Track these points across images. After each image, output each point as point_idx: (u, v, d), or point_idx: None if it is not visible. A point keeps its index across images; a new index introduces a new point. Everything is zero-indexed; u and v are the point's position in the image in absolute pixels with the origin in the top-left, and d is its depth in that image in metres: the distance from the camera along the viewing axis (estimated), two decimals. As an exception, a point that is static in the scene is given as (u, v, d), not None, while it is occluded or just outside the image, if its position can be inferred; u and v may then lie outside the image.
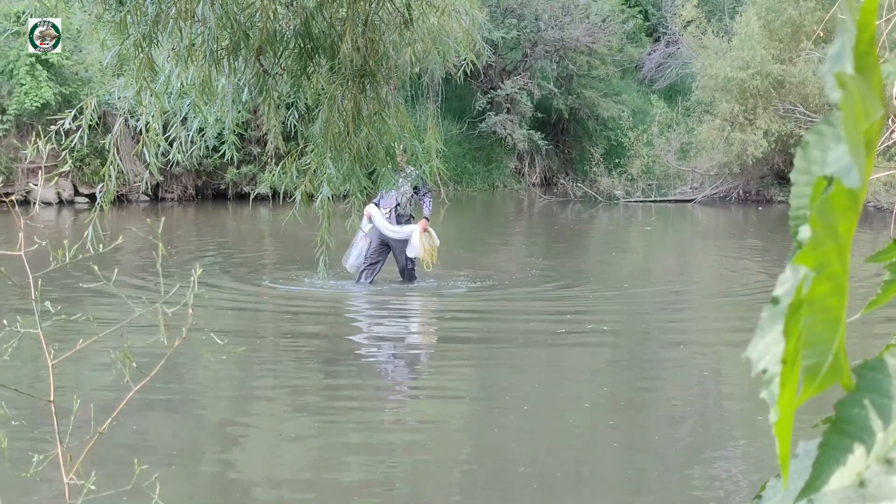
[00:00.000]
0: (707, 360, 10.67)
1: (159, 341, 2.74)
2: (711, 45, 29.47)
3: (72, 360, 3.46)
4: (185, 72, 5.19)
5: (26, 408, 7.39)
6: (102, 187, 5.99)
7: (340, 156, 5.41)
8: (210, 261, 16.18)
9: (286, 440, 7.88)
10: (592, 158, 31.69)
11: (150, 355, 3.68)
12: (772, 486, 0.85)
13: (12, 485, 6.21)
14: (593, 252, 20.80)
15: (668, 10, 35.69)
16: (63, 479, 2.69)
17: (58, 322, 3.03)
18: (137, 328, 7.58)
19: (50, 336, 2.79)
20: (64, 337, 3.62)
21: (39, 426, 7.02)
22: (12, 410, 7.20)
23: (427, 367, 10.05)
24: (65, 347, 2.96)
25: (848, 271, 0.70)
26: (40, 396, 3.26)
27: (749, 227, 25.07)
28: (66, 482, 2.68)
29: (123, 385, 2.75)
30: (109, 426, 2.80)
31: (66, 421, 2.77)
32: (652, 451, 7.72)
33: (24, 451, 3.09)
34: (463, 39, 5.86)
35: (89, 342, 2.83)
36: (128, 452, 6.86)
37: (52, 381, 2.75)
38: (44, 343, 2.68)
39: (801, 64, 27.36)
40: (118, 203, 22.54)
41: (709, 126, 28.77)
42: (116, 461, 6.34)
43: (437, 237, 13.77)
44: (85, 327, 7.19)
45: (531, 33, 32.09)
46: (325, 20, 5.18)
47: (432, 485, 6.96)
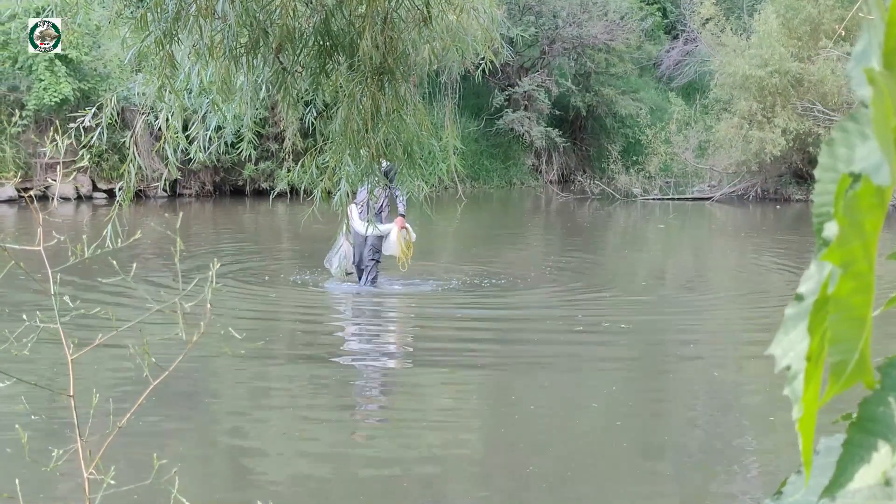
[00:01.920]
0: (722, 358, 10.64)
1: (177, 336, 2.74)
2: (730, 42, 29.38)
3: (92, 354, 3.47)
4: (205, 69, 5.20)
5: (47, 402, 7.45)
6: (122, 185, 6.01)
7: (359, 153, 5.41)
8: (229, 257, 16.21)
9: (302, 435, 7.90)
10: (610, 156, 31.66)
11: (170, 349, 3.69)
12: (792, 482, 0.85)
13: (32, 479, 6.23)
14: (611, 249, 20.76)
15: (687, 8, 35.61)
16: (83, 474, 2.69)
17: (77, 317, 3.04)
18: (157, 323, 7.60)
19: (69, 331, 2.80)
20: (83, 332, 3.63)
21: (59, 421, 7.07)
22: (32, 405, 7.24)
23: (437, 365, 10.04)
24: (85, 342, 2.96)
25: (874, 269, 0.70)
26: (60, 391, 3.27)
27: (767, 225, 25.00)
28: (85, 476, 2.69)
29: (143, 379, 2.75)
30: (128, 421, 2.81)
31: (85, 415, 2.78)
32: (666, 450, 7.70)
33: (44, 446, 3.10)
34: (481, 37, 5.86)
35: (108, 337, 2.84)
36: (147, 447, 6.88)
37: (72, 376, 2.76)
38: (63, 338, 2.68)
39: (820, 62, 27.27)
40: (136, 199, 22.56)
41: (727, 124, 28.69)
42: (136, 455, 6.37)
43: (413, 232, 13.32)
44: (104, 322, 7.20)
45: (549, 30, 32.05)
46: (345, 17, 5.18)
47: (443, 482, 6.96)
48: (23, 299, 10.73)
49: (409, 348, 10.84)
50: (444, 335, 11.36)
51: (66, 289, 8.74)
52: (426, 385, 9.34)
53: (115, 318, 2.96)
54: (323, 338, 11.44)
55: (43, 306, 3.07)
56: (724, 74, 28.84)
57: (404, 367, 10.06)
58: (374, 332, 11.75)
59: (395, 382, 9.46)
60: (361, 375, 9.80)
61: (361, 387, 9.44)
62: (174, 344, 2.87)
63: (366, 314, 12.63)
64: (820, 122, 27.05)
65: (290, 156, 6.96)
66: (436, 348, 10.70)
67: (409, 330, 11.70)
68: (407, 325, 11.93)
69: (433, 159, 5.84)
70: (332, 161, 5.82)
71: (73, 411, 2.71)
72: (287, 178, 6.80)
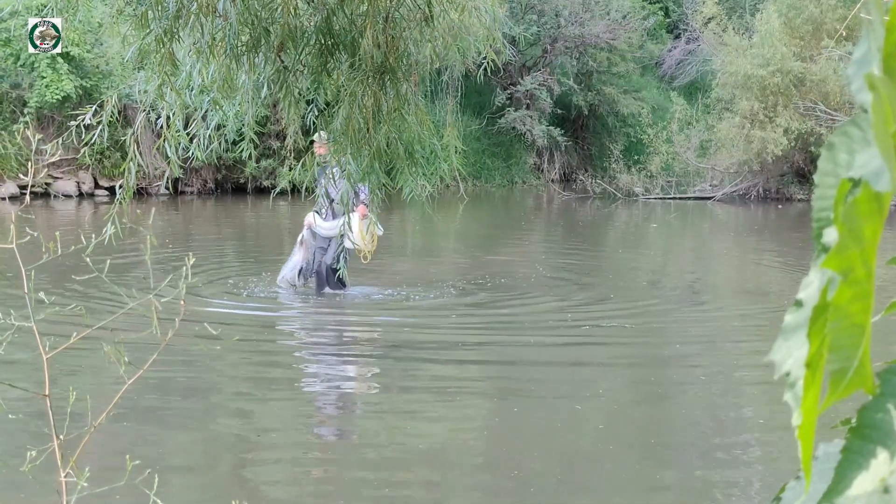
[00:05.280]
0: (722, 361, 10.63)
1: (154, 334, 2.73)
2: (732, 42, 29.38)
3: (68, 353, 3.44)
4: (206, 68, 5.20)
5: (23, 402, 7.40)
6: (122, 182, 6.00)
7: (360, 152, 5.41)
8: (230, 252, 16.21)
9: (305, 435, 7.90)
10: (612, 155, 31.65)
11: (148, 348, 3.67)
12: (791, 487, 0.85)
13: (7, 481, 6.20)
14: (611, 249, 20.75)
15: (689, 7, 35.61)
16: (59, 475, 2.68)
17: (53, 315, 3.01)
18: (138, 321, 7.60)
19: (45, 330, 2.78)
20: (61, 331, 3.61)
21: (35, 421, 7.03)
22: (10, 404, 7.21)
23: (443, 364, 10.04)
24: (61, 341, 2.94)
25: (873, 276, 0.69)
26: (35, 391, 3.26)
27: (768, 225, 24.99)
28: (61, 479, 2.68)
29: (120, 378, 2.73)
30: (107, 420, 2.79)
31: (62, 416, 2.76)
32: (670, 451, 7.70)
33: (20, 447, 3.08)
34: (483, 36, 5.85)
35: (81, 335, 2.82)
36: (126, 450, 6.89)
37: (47, 375, 2.74)
38: (37, 336, 2.67)
39: (822, 62, 27.27)
40: (138, 196, 22.59)
41: (729, 123, 28.69)
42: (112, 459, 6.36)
43: (381, 226, 12.19)
44: (82, 321, 7.19)
45: (551, 29, 32.06)
46: (346, 16, 5.18)
47: (449, 482, 6.96)
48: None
49: (410, 347, 10.81)
50: (443, 336, 11.35)
51: (48, 288, 8.75)
52: (427, 388, 9.32)
53: (87, 316, 2.94)
54: (318, 336, 11.46)
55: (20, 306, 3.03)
56: (726, 74, 28.83)
57: (404, 366, 10.03)
58: (373, 330, 11.70)
59: (392, 385, 9.44)
60: (360, 372, 9.80)
61: (361, 385, 9.44)
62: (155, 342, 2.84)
63: (362, 313, 12.56)
64: (822, 121, 27.04)
65: (291, 154, 6.97)
66: (436, 348, 10.68)
67: (410, 329, 11.66)
68: (407, 324, 11.88)
69: (435, 158, 5.84)
70: (333, 160, 5.82)
71: (48, 411, 2.69)
72: (289, 176, 6.80)
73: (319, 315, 12.34)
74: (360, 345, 11.13)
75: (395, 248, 17.65)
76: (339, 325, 11.90)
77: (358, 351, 10.81)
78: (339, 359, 10.39)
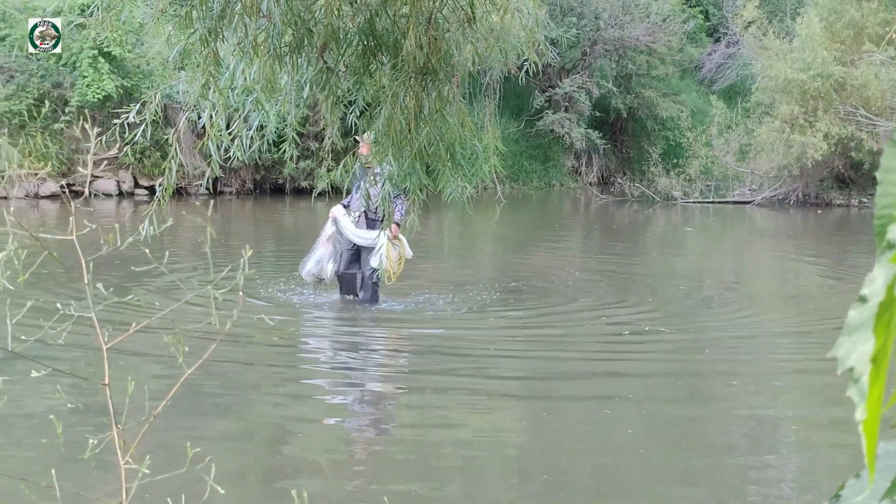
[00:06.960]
0: (759, 367, 10.58)
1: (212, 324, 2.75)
2: (772, 46, 29.20)
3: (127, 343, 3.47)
4: (249, 68, 5.22)
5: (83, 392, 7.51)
6: (163, 181, 6.03)
7: (401, 153, 5.42)
8: (268, 253, 16.28)
9: (338, 429, 7.93)
10: (650, 158, 31.53)
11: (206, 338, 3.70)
12: (851, 485, 0.84)
13: (69, 469, 6.29)
14: (649, 252, 20.68)
15: (729, 11, 35.43)
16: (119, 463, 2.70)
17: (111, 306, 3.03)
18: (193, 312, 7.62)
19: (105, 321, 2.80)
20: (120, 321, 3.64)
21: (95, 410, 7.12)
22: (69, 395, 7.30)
23: (474, 366, 10.03)
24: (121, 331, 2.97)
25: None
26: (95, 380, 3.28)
27: (808, 230, 24.84)
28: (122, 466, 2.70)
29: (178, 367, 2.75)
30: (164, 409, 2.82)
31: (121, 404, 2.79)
32: (702, 457, 7.68)
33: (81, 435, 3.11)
34: (525, 38, 5.85)
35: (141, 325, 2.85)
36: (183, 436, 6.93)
37: (107, 365, 2.76)
38: (97, 326, 2.69)
39: (863, 66, 27.06)
40: (177, 196, 22.73)
41: (768, 128, 28.52)
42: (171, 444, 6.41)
43: (410, 248, 12.29)
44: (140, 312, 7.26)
45: (591, 32, 31.98)
46: (389, 17, 5.19)
47: (482, 482, 6.96)
48: (59, 290, 10.81)
49: (446, 352, 10.78)
50: (478, 340, 11.33)
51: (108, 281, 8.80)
52: (458, 390, 9.31)
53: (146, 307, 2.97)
54: (349, 339, 11.47)
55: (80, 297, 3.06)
56: (766, 78, 28.67)
57: (439, 372, 10.01)
58: (396, 337, 11.63)
59: (426, 387, 9.43)
60: (393, 375, 9.81)
61: (391, 388, 9.45)
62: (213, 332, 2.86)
63: (395, 319, 12.48)
64: (862, 126, 26.84)
65: (330, 155, 6.98)
66: (471, 353, 10.67)
67: (444, 333, 11.63)
68: (440, 328, 11.86)
69: (476, 160, 5.84)
70: (374, 161, 5.84)
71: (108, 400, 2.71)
72: (328, 177, 6.81)
73: (350, 320, 12.26)
74: (393, 350, 11.14)
75: (432, 249, 17.65)
76: (373, 329, 11.88)
77: (390, 356, 10.82)
78: (372, 363, 10.41)
